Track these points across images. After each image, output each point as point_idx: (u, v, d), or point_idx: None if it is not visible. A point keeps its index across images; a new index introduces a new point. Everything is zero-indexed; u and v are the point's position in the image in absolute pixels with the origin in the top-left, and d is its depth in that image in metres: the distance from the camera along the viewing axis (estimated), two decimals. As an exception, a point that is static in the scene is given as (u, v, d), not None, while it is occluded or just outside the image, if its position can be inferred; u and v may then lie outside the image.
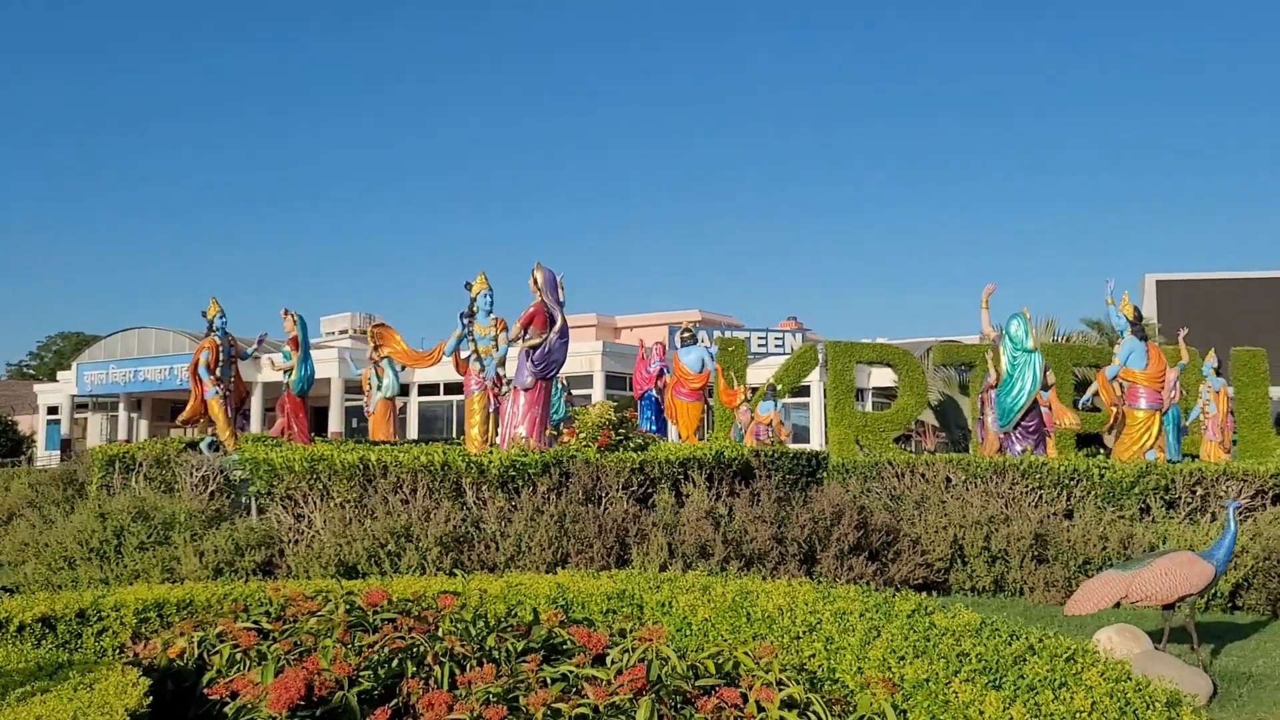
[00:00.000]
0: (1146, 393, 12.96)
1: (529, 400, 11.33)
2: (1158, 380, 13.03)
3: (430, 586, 6.31)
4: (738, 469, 10.46)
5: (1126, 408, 13.16)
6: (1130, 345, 13.21)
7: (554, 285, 11.49)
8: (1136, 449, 12.77)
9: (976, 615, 4.98)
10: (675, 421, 19.85)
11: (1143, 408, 12.92)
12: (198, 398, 13.86)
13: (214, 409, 13.68)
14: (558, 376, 14.01)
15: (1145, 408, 12.91)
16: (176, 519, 8.91)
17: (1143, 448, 12.79)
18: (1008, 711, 3.78)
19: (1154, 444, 12.84)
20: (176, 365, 40.67)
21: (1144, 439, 12.86)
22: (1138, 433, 12.93)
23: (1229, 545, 6.38)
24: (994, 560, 9.13)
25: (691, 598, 5.81)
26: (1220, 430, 18.74)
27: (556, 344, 11.48)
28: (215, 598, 6.09)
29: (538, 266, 11.49)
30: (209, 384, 13.73)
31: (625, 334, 58.47)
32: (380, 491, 9.09)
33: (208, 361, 13.82)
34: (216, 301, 14.13)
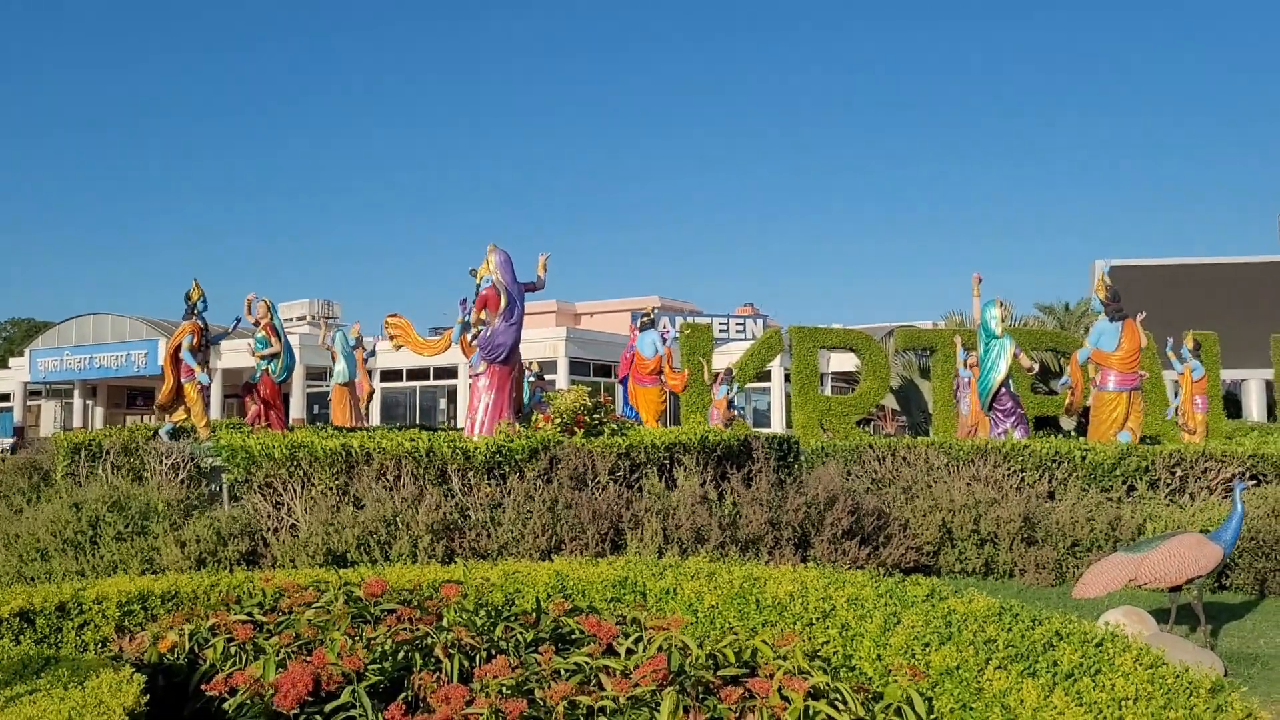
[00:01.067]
0: (1116, 374, 12.98)
1: (484, 386, 11.11)
2: (1128, 361, 13.03)
3: (425, 575, 6.14)
4: (722, 453, 10.37)
5: (1096, 390, 13.23)
6: (1099, 328, 13.25)
7: (509, 267, 11.25)
8: (1106, 429, 12.83)
9: (994, 600, 4.90)
10: (637, 407, 19.75)
11: (1110, 389, 12.97)
12: (174, 382, 13.44)
13: (190, 395, 13.30)
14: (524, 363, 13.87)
15: (1113, 389, 12.95)
16: (155, 508, 8.63)
17: (1111, 428, 12.82)
18: (1049, 700, 3.70)
19: (1124, 425, 12.87)
20: (133, 351, 39.95)
21: (1113, 419, 12.89)
22: (1106, 413, 12.98)
23: (1236, 526, 6.38)
24: (983, 543, 9.12)
25: (697, 584, 5.69)
26: (1182, 413, 18.86)
27: (500, 328, 11.16)
28: (202, 589, 5.87)
29: (492, 248, 11.26)
30: (198, 369, 13.35)
31: (586, 320, 58.28)
32: (363, 479, 8.88)
33: (191, 345, 13.42)
34: (199, 284, 13.77)
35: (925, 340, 23.76)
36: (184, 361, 13.42)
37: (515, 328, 11.27)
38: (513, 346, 11.27)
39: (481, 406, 11.07)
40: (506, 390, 11.20)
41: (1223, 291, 34.70)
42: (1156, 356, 20.64)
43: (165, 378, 13.48)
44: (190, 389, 13.38)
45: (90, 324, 44.01)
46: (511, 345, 11.22)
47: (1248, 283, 35.29)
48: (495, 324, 11.12)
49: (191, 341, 13.41)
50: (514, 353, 11.33)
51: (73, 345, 43.78)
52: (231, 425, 13.12)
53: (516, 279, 11.32)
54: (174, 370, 13.40)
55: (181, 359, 13.41)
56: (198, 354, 13.49)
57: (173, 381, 13.35)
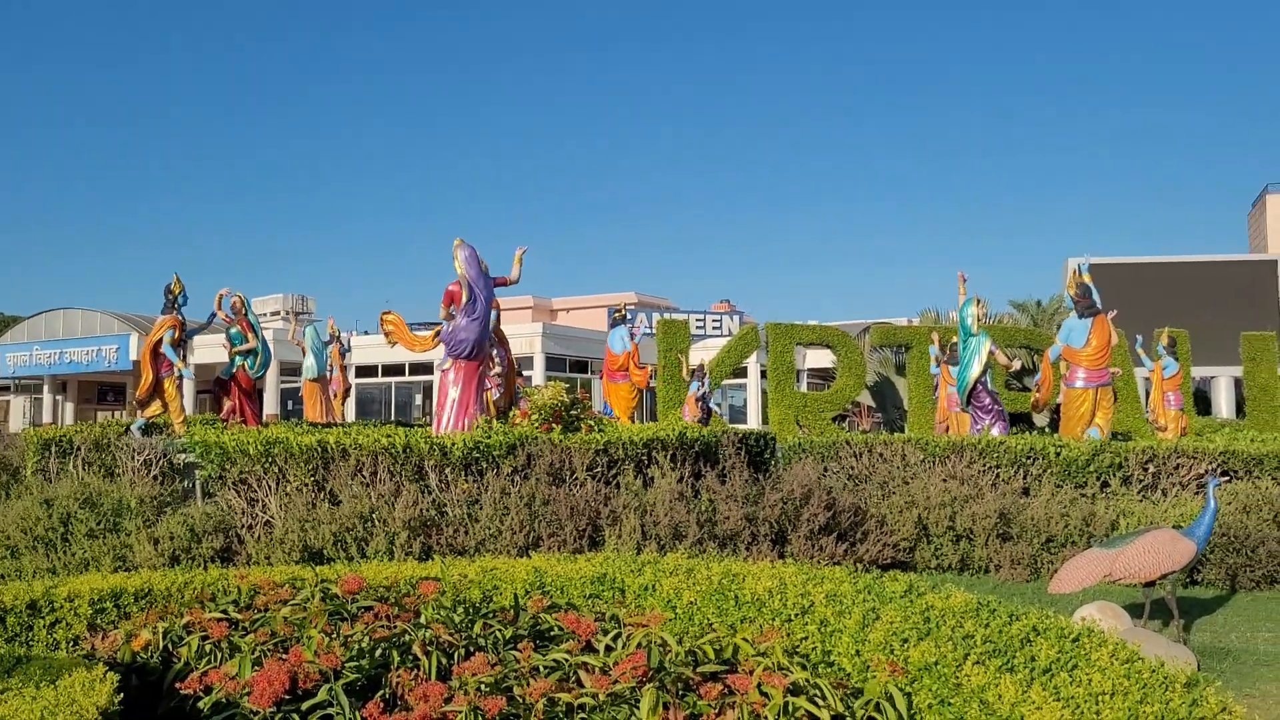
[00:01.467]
0: (1084, 370, 13.02)
1: (451, 381, 11.02)
2: (1097, 358, 13.05)
3: (402, 572, 6.10)
4: (699, 450, 10.37)
5: (1065, 386, 13.31)
6: (1070, 324, 13.31)
7: (474, 262, 11.13)
8: (1075, 425, 12.89)
9: (971, 596, 4.93)
10: (610, 402, 19.74)
11: (1078, 385, 13.03)
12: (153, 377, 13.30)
13: (169, 390, 13.17)
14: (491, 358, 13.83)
15: (1081, 385, 13.01)
16: (128, 505, 8.53)
17: (1079, 424, 12.87)
18: (1026, 695, 3.72)
19: (1092, 421, 12.90)
20: (104, 346, 39.57)
21: (1081, 415, 12.95)
22: (1074, 410, 13.06)
23: (1209, 523, 6.44)
24: (959, 539, 9.17)
25: (676, 581, 5.69)
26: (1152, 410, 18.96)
27: (462, 324, 11.05)
28: (176, 586, 5.81)
29: (459, 243, 11.13)
30: (180, 364, 13.23)
31: (562, 315, 58.25)
32: (340, 475, 8.81)
33: (172, 340, 13.30)
34: (179, 278, 13.65)
35: (901, 337, 23.89)
36: (164, 356, 13.30)
37: (478, 323, 11.09)
38: (477, 342, 11.11)
39: (448, 403, 10.99)
40: (473, 386, 11.06)
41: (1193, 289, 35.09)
42: (1128, 354, 20.83)
43: (144, 372, 13.34)
44: (169, 384, 13.26)
45: (60, 319, 43.54)
46: (474, 341, 11.07)
47: (1217, 281, 35.69)
48: (458, 319, 11.02)
49: (173, 336, 13.29)
50: (479, 348, 11.16)
51: (42, 340, 43.29)
52: (206, 421, 13.01)
53: (486, 274, 11.18)
54: (153, 365, 13.26)
55: (162, 353, 13.29)
56: (178, 348, 13.38)
57: (151, 376, 13.22)
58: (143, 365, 13.36)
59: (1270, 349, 23.96)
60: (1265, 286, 35.92)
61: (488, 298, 11.12)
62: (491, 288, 11.19)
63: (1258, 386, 23.54)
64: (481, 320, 11.09)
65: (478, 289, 11.02)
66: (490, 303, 11.17)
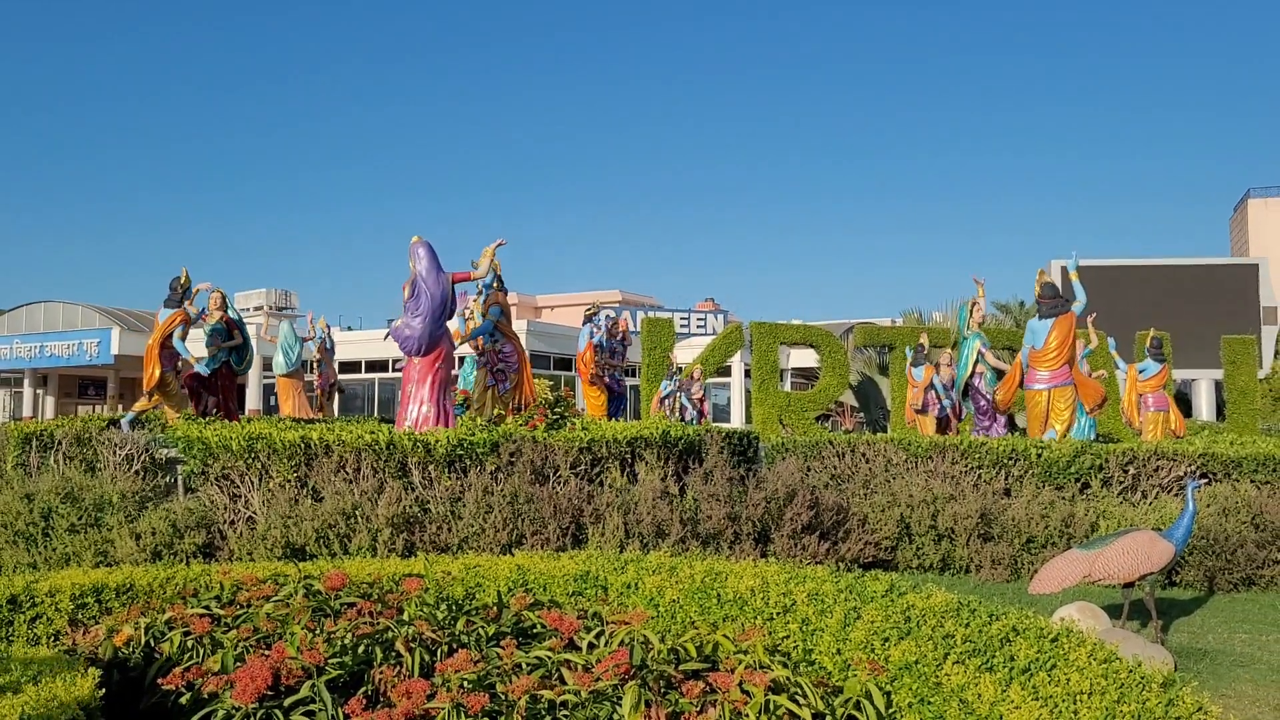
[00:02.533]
0: (1040, 371, 13.01)
1: (410, 378, 10.95)
2: (1051, 359, 12.96)
3: (385, 569, 6.11)
4: (684, 448, 10.39)
5: (1024, 387, 13.39)
6: (1033, 325, 13.19)
7: (423, 258, 10.94)
8: (1034, 426, 12.94)
9: (952, 595, 4.96)
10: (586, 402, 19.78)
11: (1034, 386, 13.07)
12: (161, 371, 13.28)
13: (172, 385, 13.17)
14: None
15: (1036, 387, 13.07)
16: (109, 500, 8.49)
17: (1036, 424, 12.91)
18: (1005, 694, 3.76)
19: (1048, 422, 12.84)
20: (85, 340, 39.33)
21: (1037, 416, 12.99)
22: (1031, 410, 13.11)
23: (1188, 524, 6.51)
24: (941, 538, 9.22)
25: (658, 579, 5.71)
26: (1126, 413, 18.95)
27: (409, 321, 10.97)
28: (157, 582, 5.80)
29: (415, 241, 11.04)
30: (192, 359, 13.29)
31: (546, 313, 58.23)
32: (323, 471, 8.80)
33: (182, 335, 13.34)
34: (187, 272, 13.61)
35: (884, 337, 23.98)
36: (175, 351, 13.35)
37: (423, 319, 10.89)
38: (422, 338, 10.90)
39: (407, 399, 10.97)
40: (429, 382, 10.88)
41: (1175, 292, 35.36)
42: (1110, 355, 20.94)
43: (150, 367, 13.27)
44: (171, 379, 13.29)
45: (41, 312, 43.23)
46: (418, 337, 10.89)
47: (1199, 283, 35.97)
48: (405, 316, 10.99)
49: (183, 331, 13.35)
50: (427, 344, 10.93)
51: (23, 333, 42.98)
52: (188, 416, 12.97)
53: (441, 270, 11.00)
54: (161, 359, 13.24)
55: (173, 348, 13.32)
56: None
57: (159, 370, 13.19)
58: (149, 359, 13.27)
59: (1250, 352, 24.15)
60: (1246, 289, 36.22)
61: (440, 295, 10.89)
62: (444, 285, 10.96)
63: (1237, 390, 23.72)
64: (427, 316, 10.89)
65: (423, 285, 10.83)
66: (444, 300, 10.93)
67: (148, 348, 13.44)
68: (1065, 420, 12.81)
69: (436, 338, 10.96)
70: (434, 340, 10.94)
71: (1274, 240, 58.01)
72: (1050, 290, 13.26)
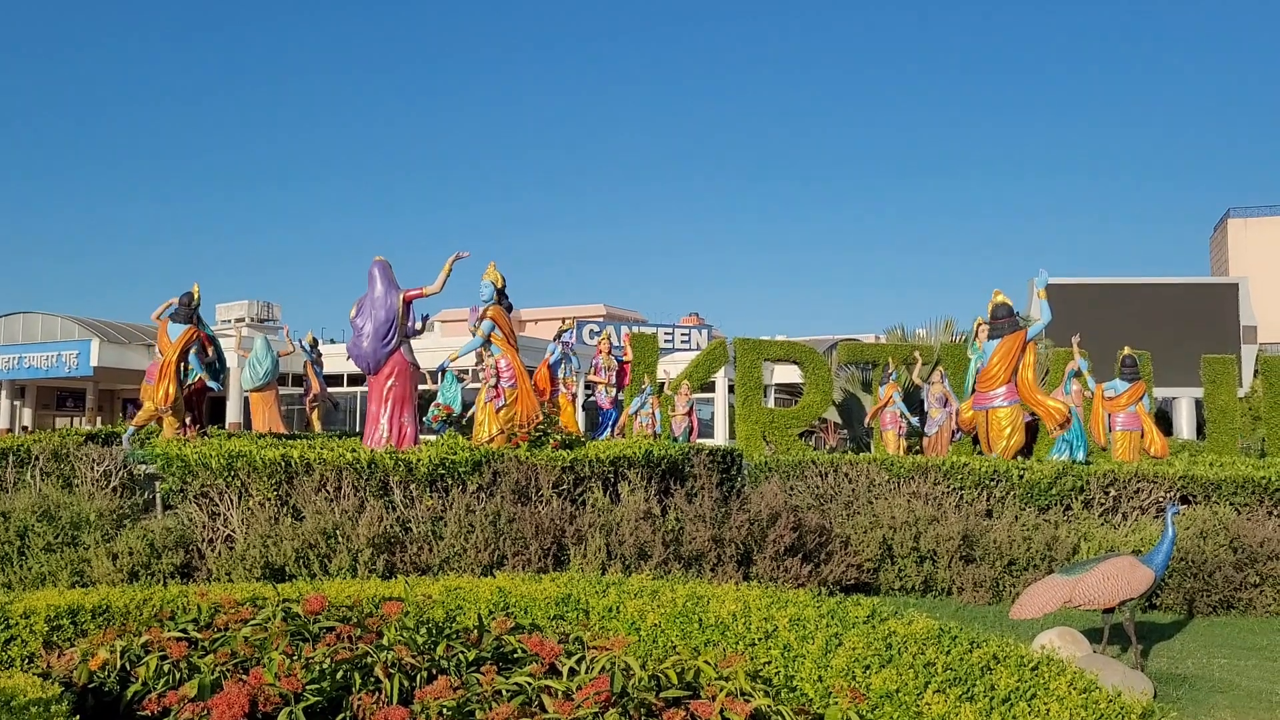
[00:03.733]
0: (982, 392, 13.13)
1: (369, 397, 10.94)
2: (986, 380, 13.02)
3: (365, 590, 6.06)
4: (667, 467, 10.38)
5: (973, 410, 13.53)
6: (986, 346, 13.25)
7: (377, 278, 10.84)
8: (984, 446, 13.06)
9: (933, 622, 4.96)
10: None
11: (976, 407, 13.22)
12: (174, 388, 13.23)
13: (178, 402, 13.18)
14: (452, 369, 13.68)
15: (976, 407, 13.19)
16: (86, 518, 8.41)
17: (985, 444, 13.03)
18: (985, 725, 3.75)
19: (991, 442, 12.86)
20: (64, 352, 38.99)
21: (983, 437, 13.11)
22: (979, 430, 13.25)
23: (1168, 550, 6.54)
24: (923, 560, 9.22)
25: (640, 603, 5.69)
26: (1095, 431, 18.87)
27: (354, 340, 10.95)
28: (134, 603, 5.74)
29: (375, 260, 11.03)
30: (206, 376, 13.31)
31: (530, 327, 58.13)
32: (303, 490, 8.74)
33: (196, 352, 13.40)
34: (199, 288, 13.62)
35: (867, 354, 24.06)
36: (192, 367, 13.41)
37: (365, 338, 10.75)
38: (368, 357, 10.78)
39: (370, 417, 10.94)
40: (384, 400, 10.73)
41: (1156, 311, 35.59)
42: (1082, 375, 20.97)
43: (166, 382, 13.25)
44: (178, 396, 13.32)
45: (20, 323, 42.83)
46: (365, 356, 10.79)
47: (1180, 302, 36.24)
48: (353, 336, 11.01)
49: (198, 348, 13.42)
50: (377, 363, 10.79)
51: (0, 345, 42.59)
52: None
53: (394, 288, 10.88)
54: (177, 375, 13.24)
55: (189, 364, 13.36)
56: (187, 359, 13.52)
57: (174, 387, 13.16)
58: (165, 376, 13.22)
59: (1230, 372, 24.30)
60: (1227, 308, 36.50)
61: (385, 314, 10.74)
62: (391, 303, 10.79)
63: (1217, 409, 23.85)
64: (371, 336, 10.77)
65: (367, 305, 10.76)
66: (389, 319, 10.77)
67: (164, 364, 13.42)
68: (1006, 440, 12.71)
69: (383, 356, 10.81)
70: (381, 358, 10.82)
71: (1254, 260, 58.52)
72: (1003, 310, 13.22)
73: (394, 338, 10.66)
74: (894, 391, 18.87)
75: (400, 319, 10.65)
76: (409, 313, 10.81)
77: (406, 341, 10.84)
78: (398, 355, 10.71)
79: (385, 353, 10.71)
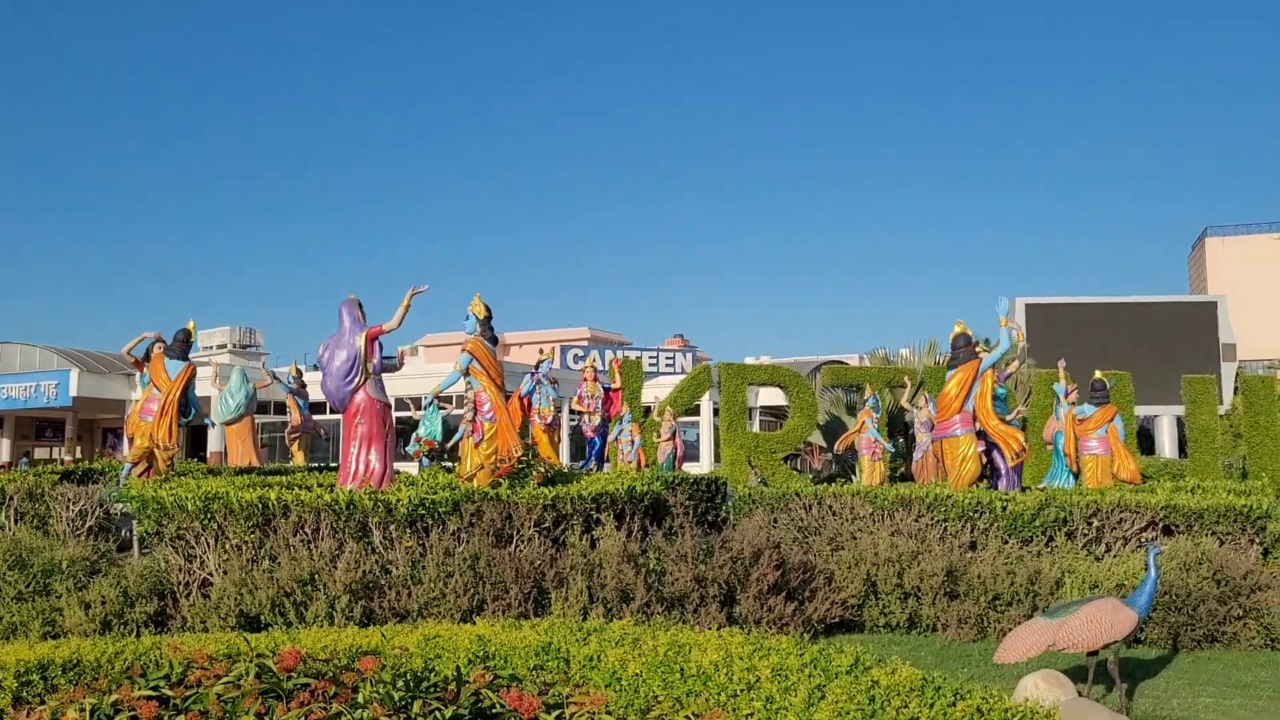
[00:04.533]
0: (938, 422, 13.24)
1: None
2: (939, 412, 13.20)
3: (342, 640, 5.98)
4: (649, 503, 10.31)
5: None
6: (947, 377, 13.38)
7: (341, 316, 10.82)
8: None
9: (917, 672, 4.91)
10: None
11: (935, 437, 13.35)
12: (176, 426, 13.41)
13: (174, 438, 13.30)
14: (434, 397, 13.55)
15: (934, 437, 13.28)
16: (59, 566, 8.27)
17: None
18: (970, 786, 3.70)
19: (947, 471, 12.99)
20: (43, 382, 38.65)
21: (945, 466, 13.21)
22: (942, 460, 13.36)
23: (1150, 591, 6.51)
24: (907, 596, 9.16)
25: (621, 651, 5.62)
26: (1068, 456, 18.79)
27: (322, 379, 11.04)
28: (106, 657, 5.64)
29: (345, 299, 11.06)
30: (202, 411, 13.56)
31: (515, 351, 58.04)
32: (281, 533, 8.63)
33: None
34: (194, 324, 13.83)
35: (852, 377, 24.05)
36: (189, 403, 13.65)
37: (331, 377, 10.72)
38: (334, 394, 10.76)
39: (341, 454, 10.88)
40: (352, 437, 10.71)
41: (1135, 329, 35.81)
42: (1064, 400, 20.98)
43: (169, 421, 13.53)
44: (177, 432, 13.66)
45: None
46: (331, 394, 10.78)
47: (1159, 321, 36.47)
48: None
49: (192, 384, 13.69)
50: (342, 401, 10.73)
51: (-22, 375, 42.20)
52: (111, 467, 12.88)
53: (357, 325, 10.79)
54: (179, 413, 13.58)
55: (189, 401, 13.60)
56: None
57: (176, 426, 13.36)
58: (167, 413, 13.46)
59: (1210, 391, 24.37)
60: (1206, 326, 36.74)
61: (347, 353, 10.66)
62: (352, 342, 10.70)
63: (1198, 429, 23.89)
64: (336, 375, 10.70)
65: (333, 343, 10.76)
66: (350, 357, 10.67)
67: (168, 402, 13.62)
68: (958, 469, 12.70)
69: (347, 394, 10.72)
70: (346, 396, 10.74)
71: (1232, 278, 59.03)
72: (961, 341, 13.31)
73: (355, 376, 10.58)
74: (866, 418, 18.89)
75: (362, 357, 10.57)
76: (374, 350, 10.73)
77: (374, 378, 10.72)
78: (362, 393, 10.61)
79: (348, 390, 10.65)
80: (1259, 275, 59.64)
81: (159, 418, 13.42)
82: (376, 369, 10.72)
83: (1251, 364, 45.01)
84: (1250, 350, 46.01)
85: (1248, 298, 53.03)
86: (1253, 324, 49.79)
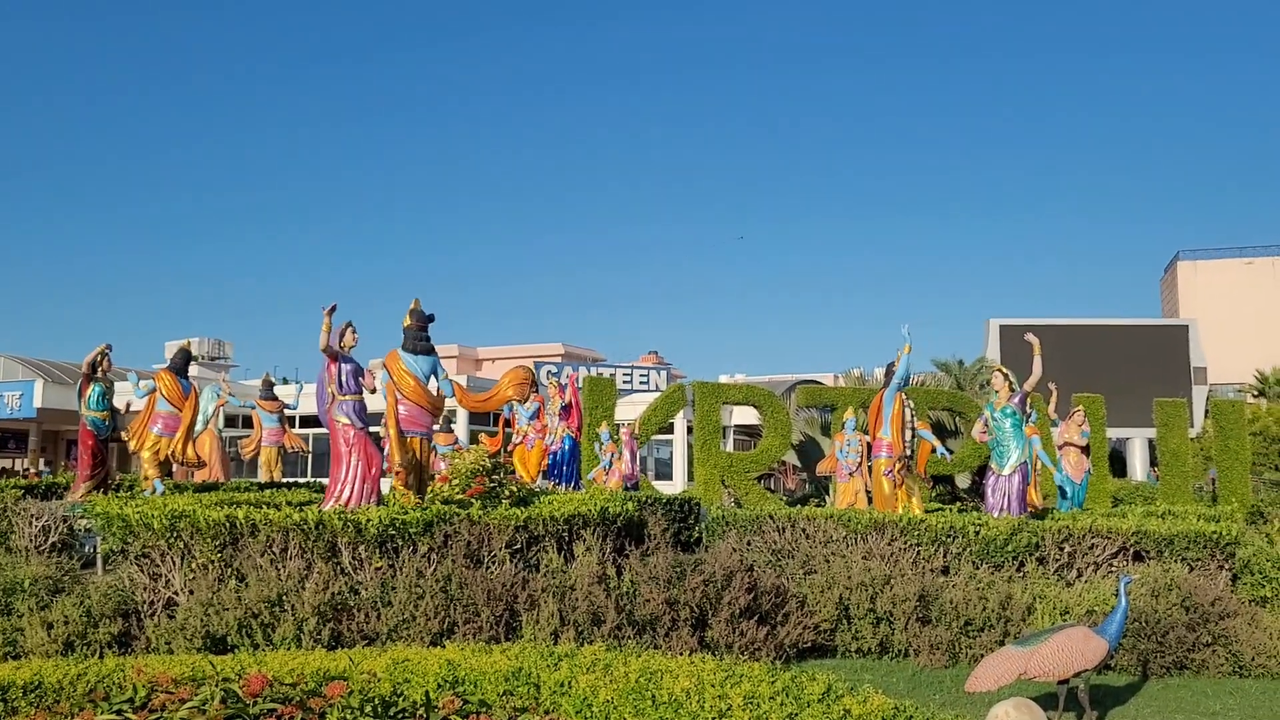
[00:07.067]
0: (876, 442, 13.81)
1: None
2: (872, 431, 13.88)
3: (310, 663, 5.90)
4: (623, 525, 10.27)
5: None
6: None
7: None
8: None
9: (889, 700, 4.90)
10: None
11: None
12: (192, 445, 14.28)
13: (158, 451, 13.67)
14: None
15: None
16: (21, 584, 8.13)
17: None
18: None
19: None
20: (7, 393, 38.15)
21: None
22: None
23: (1120, 620, 6.54)
24: (879, 621, 9.15)
25: (592, 678, 5.58)
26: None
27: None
28: (69, 679, 5.55)
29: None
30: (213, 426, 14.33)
31: (488, 366, 57.85)
32: (248, 552, 8.52)
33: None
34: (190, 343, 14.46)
35: (827, 398, 24.08)
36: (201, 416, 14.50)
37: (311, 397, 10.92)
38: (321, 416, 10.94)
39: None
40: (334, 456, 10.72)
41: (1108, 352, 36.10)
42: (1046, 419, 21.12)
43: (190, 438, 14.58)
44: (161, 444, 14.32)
45: (-41, 362, 41.94)
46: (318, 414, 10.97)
47: (1132, 344, 36.79)
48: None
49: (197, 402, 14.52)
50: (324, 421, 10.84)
51: (-60, 385, 41.59)
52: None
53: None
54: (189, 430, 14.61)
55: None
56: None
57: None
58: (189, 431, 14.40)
59: (1181, 415, 24.60)
60: (1177, 349, 37.07)
61: (320, 377, 10.86)
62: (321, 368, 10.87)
63: (1170, 452, 24.12)
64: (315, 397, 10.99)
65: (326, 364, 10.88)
66: (318, 383, 10.87)
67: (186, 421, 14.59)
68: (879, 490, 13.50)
69: (323, 415, 10.88)
70: (323, 417, 10.92)
71: (1203, 302, 59.61)
72: (888, 370, 14.06)
73: (322, 401, 10.73)
74: (839, 440, 18.93)
75: (326, 379, 10.69)
76: (333, 372, 10.72)
77: (343, 400, 10.67)
78: (329, 416, 10.69)
79: (323, 411, 10.81)
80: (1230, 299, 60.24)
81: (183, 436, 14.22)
82: (346, 389, 10.65)
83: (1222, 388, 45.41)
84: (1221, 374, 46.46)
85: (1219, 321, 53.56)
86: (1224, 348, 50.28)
